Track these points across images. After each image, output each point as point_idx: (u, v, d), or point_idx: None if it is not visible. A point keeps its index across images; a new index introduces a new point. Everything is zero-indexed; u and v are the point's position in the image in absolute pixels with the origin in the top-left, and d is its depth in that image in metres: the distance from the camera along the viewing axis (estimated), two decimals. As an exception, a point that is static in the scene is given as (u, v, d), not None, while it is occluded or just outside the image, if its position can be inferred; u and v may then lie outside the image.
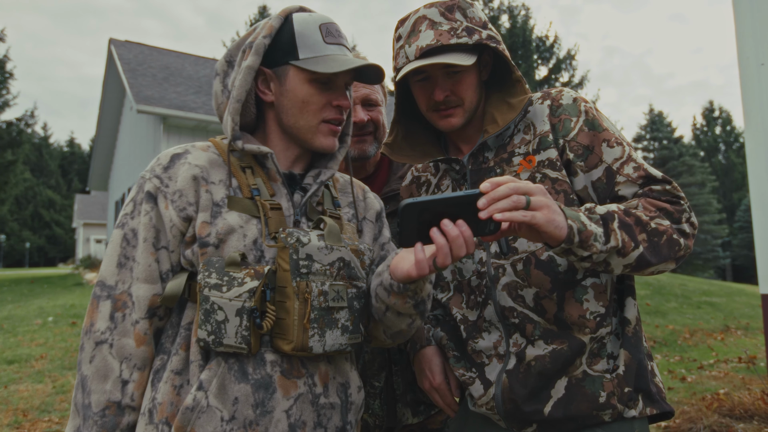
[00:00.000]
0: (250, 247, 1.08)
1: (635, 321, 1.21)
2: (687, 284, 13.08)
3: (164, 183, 1.10)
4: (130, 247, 1.10)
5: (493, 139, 1.29)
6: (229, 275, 1.03)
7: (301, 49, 1.13)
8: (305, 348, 1.03)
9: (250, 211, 1.10)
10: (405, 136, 1.37)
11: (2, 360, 6.01)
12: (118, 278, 1.09)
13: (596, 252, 1.02)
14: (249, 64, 1.13)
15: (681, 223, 1.12)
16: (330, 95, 1.16)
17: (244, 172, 1.15)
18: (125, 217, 1.13)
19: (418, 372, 1.38)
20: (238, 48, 1.20)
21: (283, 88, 1.15)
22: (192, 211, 1.09)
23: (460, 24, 1.21)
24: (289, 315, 1.03)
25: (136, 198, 1.13)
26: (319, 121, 1.16)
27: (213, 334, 1.01)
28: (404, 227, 0.93)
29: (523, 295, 1.20)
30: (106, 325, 1.07)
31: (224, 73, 1.21)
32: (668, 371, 5.85)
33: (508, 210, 0.92)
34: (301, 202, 1.17)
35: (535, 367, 1.17)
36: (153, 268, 1.09)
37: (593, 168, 1.19)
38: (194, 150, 1.16)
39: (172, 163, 1.12)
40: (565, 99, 1.25)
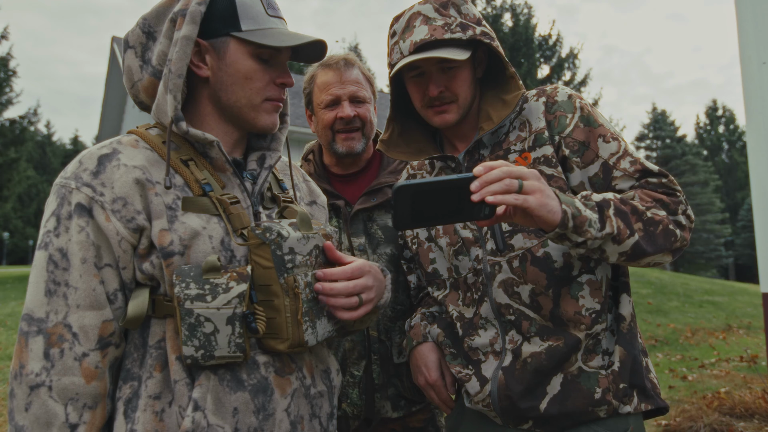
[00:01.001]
0: (219, 249, 0.99)
1: (630, 317, 1.22)
2: (689, 283, 13.06)
3: (98, 192, 0.95)
4: (60, 270, 0.94)
5: (488, 137, 1.29)
6: (210, 282, 0.93)
7: (243, 20, 1.03)
8: (301, 343, 0.99)
9: (207, 209, 1.00)
10: (401, 133, 1.37)
11: (5, 357, 6.04)
12: (48, 308, 0.94)
13: (591, 238, 1.03)
14: (186, 34, 0.99)
15: (677, 214, 1.13)
16: (273, 72, 1.07)
17: (187, 165, 1.03)
18: (48, 235, 0.96)
19: (413, 368, 1.39)
20: (161, 17, 1.07)
21: (221, 62, 1.04)
22: (142, 220, 0.96)
23: (455, 20, 1.21)
24: (279, 313, 0.98)
25: (59, 212, 0.96)
26: (262, 99, 1.07)
27: (202, 349, 0.92)
28: (397, 209, 0.93)
29: (519, 292, 1.20)
30: (41, 365, 0.92)
31: (142, 45, 1.08)
32: (669, 370, 5.85)
33: (500, 193, 0.92)
34: (255, 191, 1.09)
35: (531, 364, 1.18)
36: (98, 292, 0.95)
37: (589, 164, 1.19)
38: (124, 148, 1.01)
39: (102, 167, 0.97)
40: (560, 96, 1.25)
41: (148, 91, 1.09)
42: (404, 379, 1.60)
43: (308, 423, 1.05)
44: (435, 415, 1.68)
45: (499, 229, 1.22)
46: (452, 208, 0.95)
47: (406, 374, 1.60)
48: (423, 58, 1.17)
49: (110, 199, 0.95)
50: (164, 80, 1.02)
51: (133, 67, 1.08)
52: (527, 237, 1.20)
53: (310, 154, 1.80)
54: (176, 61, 1.00)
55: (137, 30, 1.08)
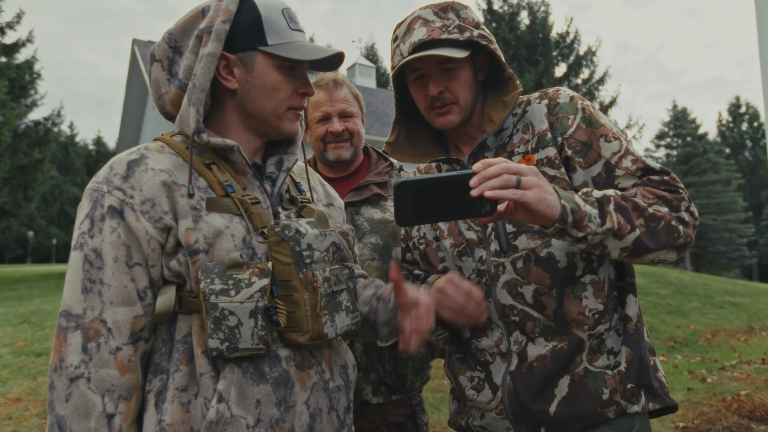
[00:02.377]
0: (241, 247, 1.04)
1: (636, 318, 1.23)
2: (710, 284, 12.83)
3: (128, 194, 1.01)
4: (95, 269, 1.00)
5: (492, 139, 1.31)
6: (234, 278, 0.99)
7: (269, 35, 1.09)
8: (321, 335, 1.04)
9: (230, 209, 1.06)
10: (407, 135, 1.40)
11: (31, 353, 6.20)
12: (85, 305, 1.00)
13: (591, 233, 1.04)
14: (211, 51, 1.06)
15: (680, 211, 1.14)
16: (296, 82, 1.14)
17: (210, 169, 1.09)
18: (83, 236, 1.02)
19: (438, 305, 1.21)
20: (186, 33, 1.13)
21: (249, 75, 1.11)
22: (169, 220, 1.02)
23: (453, 22, 1.24)
24: (299, 307, 1.03)
25: (93, 214, 1.02)
26: (286, 108, 1.14)
27: (227, 341, 0.98)
28: (399, 206, 0.96)
29: (522, 293, 1.22)
30: (80, 359, 0.98)
31: (168, 59, 1.14)
32: (688, 372, 5.78)
33: (499, 188, 0.95)
34: (274, 193, 1.15)
35: (538, 368, 1.19)
36: (129, 289, 1.01)
37: (592, 164, 1.21)
38: (151, 153, 1.08)
39: (131, 171, 1.04)
40: (562, 98, 1.27)
41: (174, 102, 1.14)
42: (386, 364, 1.67)
43: (326, 415, 1.09)
44: (416, 412, 1.74)
45: (503, 230, 1.24)
46: (453, 205, 0.97)
47: (389, 359, 1.67)
48: (422, 58, 1.20)
49: (139, 201, 1.01)
50: (188, 94, 1.08)
51: (160, 80, 1.15)
52: (531, 237, 1.21)
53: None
54: (200, 77, 1.06)
55: (163, 45, 1.14)
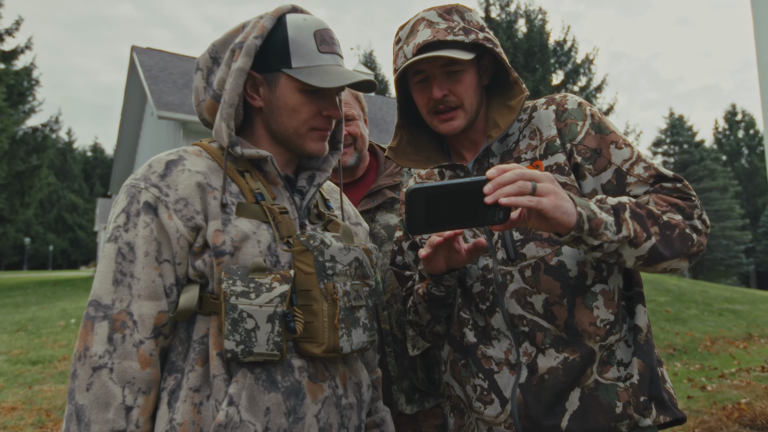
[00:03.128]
0: (265, 253, 1.05)
1: (646, 328, 1.21)
2: (708, 291, 12.83)
3: (164, 192, 1.03)
4: (127, 262, 1.02)
5: (497, 145, 1.29)
6: (256, 282, 1.00)
7: (294, 57, 1.09)
8: (336, 348, 1.03)
9: (259, 216, 1.08)
10: (410, 140, 1.37)
11: (27, 361, 6.15)
12: (115, 296, 1.01)
13: (607, 241, 1.02)
14: (240, 66, 1.07)
15: (693, 219, 1.12)
16: (320, 104, 1.14)
17: (243, 176, 1.11)
18: (118, 230, 1.04)
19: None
20: (226, 45, 1.15)
21: (273, 94, 1.12)
22: (200, 220, 1.04)
23: (458, 24, 1.22)
24: (317, 318, 1.03)
25: (129, 209, 1.04)
26: (308, 129, 1.14)
27: (242, 344, 0.98)
28: (411, 213, 0.93)
29: (532, 302, 1.19)
30: (104, 348, 0.98)
31: (208, 69, 1.16)
32: (688, 379, 5.76)
33: (514, 195, 0.92)
34: (302, 205, 1.17)
35: (549, 381, 1.16)
36: (157, 284, 1.02)
37: (602, 171, 1.19)
38: (189, 156, 1.10)
39: (169, 170, 1.06)
40: (569, 104, 1.25)
41: (210, 111, 1.16)
42: (419, 371, 1.64)
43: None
44: (448, 421, 1.70)
45: (510, 237, 1.21)
46: (466, 212, 0.94)
47: (421, 366, 1.64)
48: (426, 60, 1.18)
49: (174, 200, 1.03)
50: (220, 108, 1.10)
51: (200, 88, 1.17)
52: (540, 245, 1.19)
53: None
54: (229, 92, 1.08)
55: (206, 55, 1.17)
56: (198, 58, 1.18)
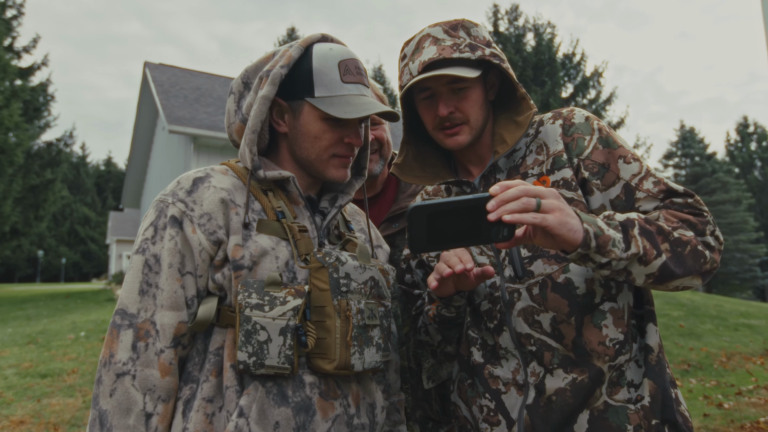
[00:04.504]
0: (283, 269, 1.08)
1: (658, 348, 1.17)
2: (723, 305, 12.62)
3: (189, 207, 1.08)
4: (153, 273, 1.06)
5: (504, 161, 1.28)
6: (270, 295, 1.02)
7: (317, 87, 1.13)
8: (348, 366, 1.04)
9: (278, 233, 1.10)
10: (415, 156, 1.36)
11: (36, 374, 6.17)
12: (140, 306, 1.05)
13: (616, 258, 0.99)
14: (265, 94, 1.12)
15: (705, 235, 1.09)
16: (342, 132, 1.16)
17: (266, 194, 1.15)
18: (146, 242, 1.08)
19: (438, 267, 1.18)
20: (256, 72, 1.20)
21: (296, 122, 1.16)
22: (222, 235, 1.07)
23: (464, 40, 1.22)
24: (330, 334, 1.03)
25: (157, 223, 1.09)
26: (329, 156, 1.17)
27: (254, 356, 0.99)
28: (413, 232, 0.92)
29: (540, 321, 1.17)
30: (128, 356, 1.02)
31: (239, 93, 1.21)
32: (704, 397, 5.63)
33: (518, 212, 0.90)
34: (322, 225, 1.19)
35: (557, 402, 1.13)
36: (179, 295, 1.06)
37: (611, 186, 1.17)
38: (215, 174, 1.15)
39: (195, 187, 1.11)
40: (577, 118, 1.24)
41: (239, 133, 1.20)
42: (432, 402, 1.61)
43: None
44: None
45: (517, 254, 1.19)
46: (469, 230, 0.92)
47: (435, 398, 1.61)
48: (432, 78, 1.17)
49: (198, 214, 1.07)
50: (245, 133, 1.14)
51: (231, 111, 1.21)
52: (547, 263, 1.17)
53: None
54: (253, 118, 1.12)
55: (239, 80, 1.21)
56: (232, 82, 1.24)
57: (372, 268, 1.14)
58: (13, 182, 17.49)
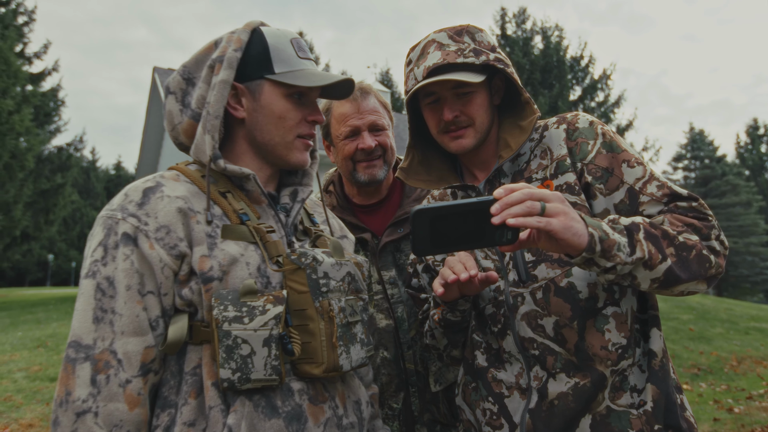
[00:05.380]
0: (255, 275, 1.03)
1: (662, 353, 1.17)
2: (733, 308, 12.49)
3: (143, 221, 1.00)
4: (107, 297, 0.97)
5: (508, 165, 1.28)
6: (248, 305, 0.97)
7: (276, 64, 1.10)
8: (337, 367, 1.01)
9: (245, 237, 1.05)
10: (421, 161, 1.37)
11: (45, 377, 6.22)
12: (96, 335, 0.96)
13: (621, 263, 0.99)
14: (223, 78, 1.07)
15: (710, 239, 1.09)
16: (305, 110, 1.14)
17: (225, 197, 1.09)
18: (95, 264, 0.99)
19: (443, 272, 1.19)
20: (199, 64, 1.15)
21: (257, 103, 1.11)
22: (184, 247, 1.00)
23: (468, 45, 1.22)
24: (314, 337, 1.00)
25: (107, 242, 0.99)
26: (294, 136, 1.13)
27: (239, 371, 0.94)
28: (417, 234, 0.91)
29: (543, 325, 1.17)
30: (88, 392, 0.93)
31: (182, 91, 1.15)
32: (714, 401, 5.58)
33: (522, 215, 0.90)
34: (288, 223, 1.15)
35: (559, 407, 1.13)
36: (141, 319, 0.98)
37: (614, 190, 1.17)
38: (167, 181, 1.07)
39: (147, 198, 1.02)
40: (581, 122, 1.24)
41: (187, 132, 1.14)
42: (440, 405, 1.61)
43: None
44: None
45: (522, 259, 1.19)
46: (473, 233, 0.92)
47: (442, 401, 1.61)
48: (437, 83, 1.18)
49: (154, 228, 1.00)
50: (203, 122, 1.08)
51: (174, 112, 1.15)
52: (551, 267, 1.17)
53: (331, 185, 1.80)
54: (214, 104, 1.06)
55: (178, 77, 1.15)
56: (167, 82, 1.16)
57: (347, 263, 1.11)
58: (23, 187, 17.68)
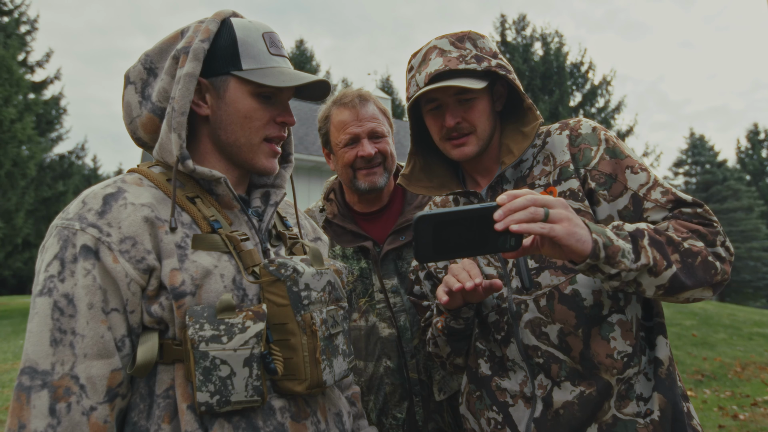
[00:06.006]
0: (231, 287, 0.95)
1: (668, 361, 1.16)
2: (736, 314, 12.45)
3: (104, 232, 0.90)
4: (66, 317, 0.87)
5: (511, 171, 1.28)
6: (226, 323, 0.89)
7: (244, 59, 1.01)
8: (320, 383, 0.96)
9: (218, 247, 0.97)
10: (423, 167, 1.36)
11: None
12: (54, 359, 0.85)
13: (625, 269, 0.98)
14: (189, 71, 0.97)
15: (716, 246, 1.08)
16: (273, 110, 1.05)
17: (194, 203, 1.00)
18: (51, 280, 0.88)
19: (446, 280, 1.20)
20: (163, 54, 1.05)
21: (221, 101, 1.02)
22: (152, 260, 0.91)
23: (470, 52, 1.22)
24: (296, 353, 0.94)
25: (63, 255, 0.89)
26: (261, 138, 1.04)
27: (217, 394, 0.87)
28: (419, 241, 0.90)
29: (547, 333, 1.16)
30: (46, 423, 0.82)
31: (142, 81, 1.05)
32: (719, 407, 5.55)
33: (525, 221, 0.89)
34: (262, 228, 1.07)
35: (565, 416, 1.12)
36: (106, 339, 0.88)
37: (618, 196, 1.16)
38: (129, 186, 0.97)
39: (108, 206, 0.92)
40: (584, 128, 1.24)
41: (146, 127, 1.06)
42: (444, 414, 1.60)
43: None
44: None
45: (525, 265, 1.19)
46: (476, 239, 0.91)
47: (447, 409, 1.60)
48: (439, 89, 1.18)
49: (118, 240, 0.90)
50: (168, 118, 0.99)
51: (132, 103, 1.06)
52: (554, 274, 1.16)
53: (332, 193, 1.80)
54: (179, 99, 0.97)
55: (139, 66, 1.06)
56: (127, 71, 1.07)
57: (327, 272, 1.05)
58: (25, 194, 17.72)
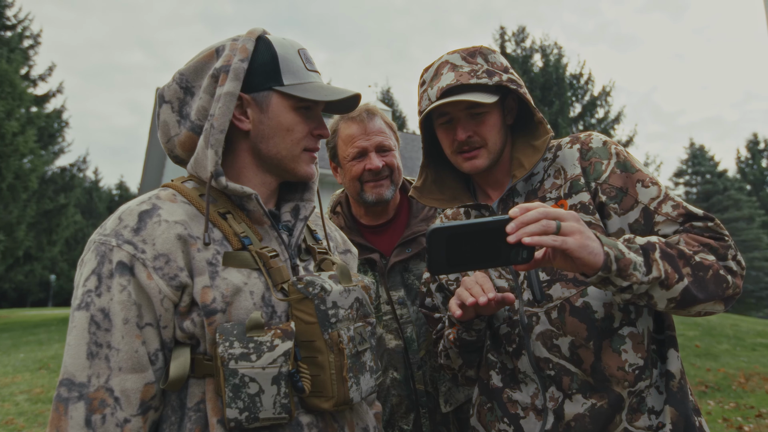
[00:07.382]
0: (260, 305, 0.97)
1: (680, 375, 1.16)
2: (739, 324, 12.39)
3: (139, 249, 0.93)
4: (102, 331, 0.90)
5: (522, 185, 1.29)
6: (255, 341, 0.91)
7: (285, 75, 1.06)
8: (347, 401, 0.97)
9: (248, 264, 0.99)
10: (434, 180, 1.38)
11: (47, 400, 6.16)
12: (90, 372, 0.89)
13: (637, 282, 0.99)
14: (230, 90, 1.01)
15: (727, 259, 1.08)
16: (311, 123, 1.10)
17: (225, 218, 1.02)
18: (88, 295, 0.92)
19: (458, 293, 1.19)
20: (198, 73, 1.08)
21: (264, 115, 1.06)
22: (185, 278, 0.94)
23: (481, 66, 1.24)
24: (323, 370, 0.96)
25: (101, 270, 0.92)
26: (301, 150, 1.09)
27: (246, 411, 0.89)
28: (432, 254, 0.91)
29: (558, 345, 1.16)
30: None
31: (179, 100, 1.09)
32: (723, 419, 5.50)
33: (537, 234, 0.89)
34: (291, 244, 1.09)
35: (576, 429, 1.12)
36: (140, 354, 0.92)
37: (629, 210, 1.17)
38: (164, 203, 1.00)
39: (143, 223, 0.95)
40: (594, 142, 1.25)
41: (184, 145, 1.09)
42: (451, 426, 1.60)
43: None
44: None
45: (536, 278, 1.20)
46: (488, 252, 0.92)
47: (453, 421, 1.60)
48: (450, 103, 1.19)
49: (152, 257, 0.93)
50: (205, 135, 1.02)
51: (170, 122, 1.09)
52: (566, 286, 1.17)
53: (338, 206, 1.82)
54: (219, 117, 1.00)
55: (174, 85, 1.09)
56: (161, 90, 1.10)
57: (355, 288, 1.06)
58: (27, 207, 17.74)
